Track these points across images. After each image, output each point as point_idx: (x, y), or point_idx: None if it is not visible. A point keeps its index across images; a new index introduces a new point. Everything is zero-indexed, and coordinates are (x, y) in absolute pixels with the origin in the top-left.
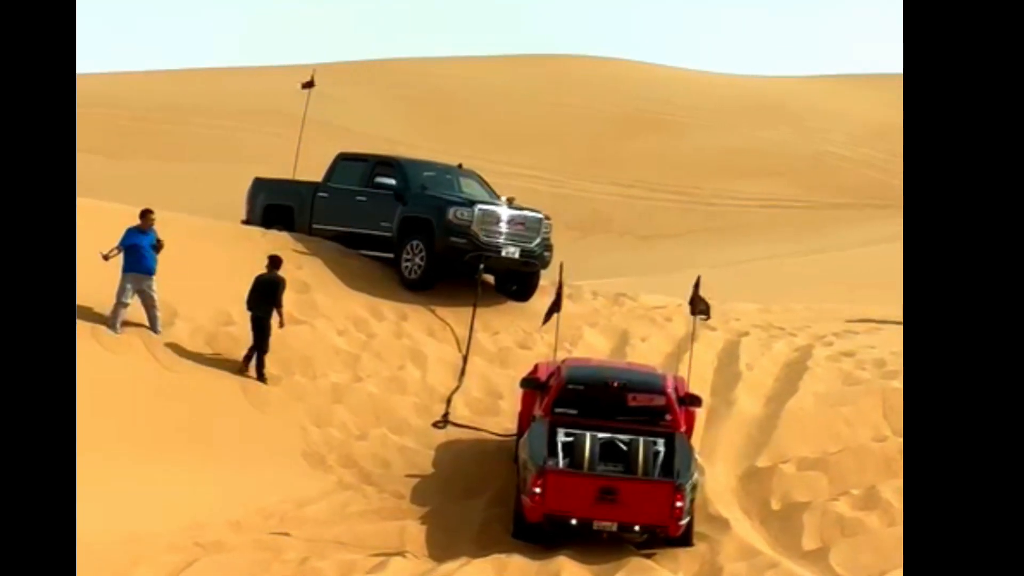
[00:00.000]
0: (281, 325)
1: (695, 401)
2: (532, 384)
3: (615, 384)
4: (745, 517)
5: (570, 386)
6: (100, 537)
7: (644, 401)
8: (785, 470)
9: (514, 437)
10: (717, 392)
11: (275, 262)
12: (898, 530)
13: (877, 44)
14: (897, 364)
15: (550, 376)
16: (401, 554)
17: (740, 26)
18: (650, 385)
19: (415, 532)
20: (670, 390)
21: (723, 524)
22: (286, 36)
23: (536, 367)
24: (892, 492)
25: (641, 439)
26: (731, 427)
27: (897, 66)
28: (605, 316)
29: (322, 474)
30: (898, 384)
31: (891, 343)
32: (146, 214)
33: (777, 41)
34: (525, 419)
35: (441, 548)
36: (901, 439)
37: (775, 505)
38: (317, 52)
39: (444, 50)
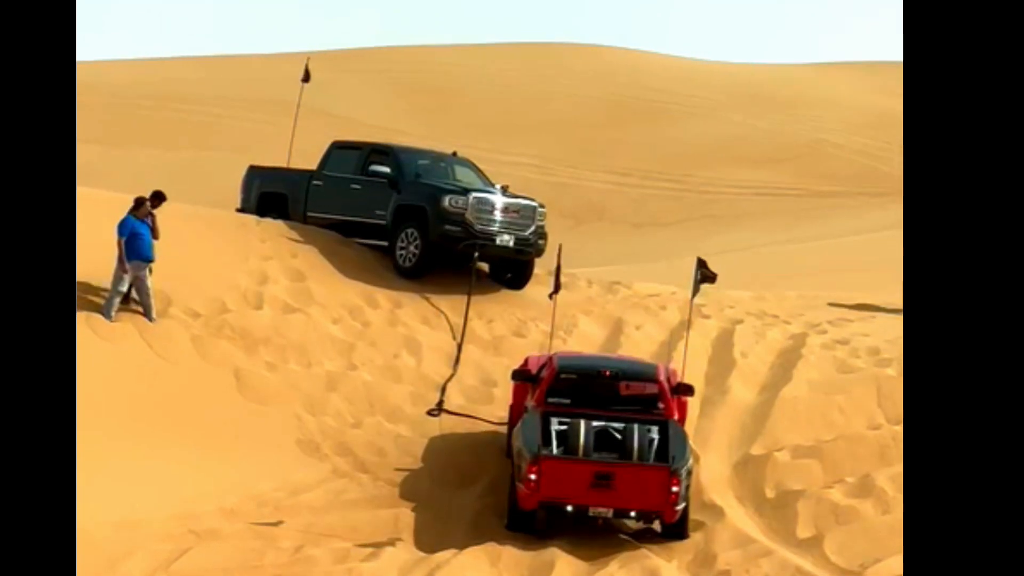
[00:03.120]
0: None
1: (687, 390)
2: (523, 376)
3: (607, 373)
4: (739, 505)
5: (562, 376)
6: (94, 525)
7: (637, 390)
8: (779, 458)
9: (507, 426)
10: (711, 380)
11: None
12: (892, 518)
13: (872, 31)
14: (891, 352)
15: (541, 367)
16: (392, 543)
17: (734, 13)
18: (642, 373)
19: (409, 520)
20: (663, 378)
21: (717, 512)
22: (280, 23)
23: (527, 360)
24: (886, 480)
25: (636, 425)
26: (725, 415)
27: (891, 53)
28: (600, 304)
29: (316, 462)
30: (892, 372)
31: (885, 331)
32: (142, 202)
33: (771, 29)
34: (517, 412)
35: (435, 536)
36: (895, 427)
37: (769, 493)
38: (311, 40)
39: (438, 38)
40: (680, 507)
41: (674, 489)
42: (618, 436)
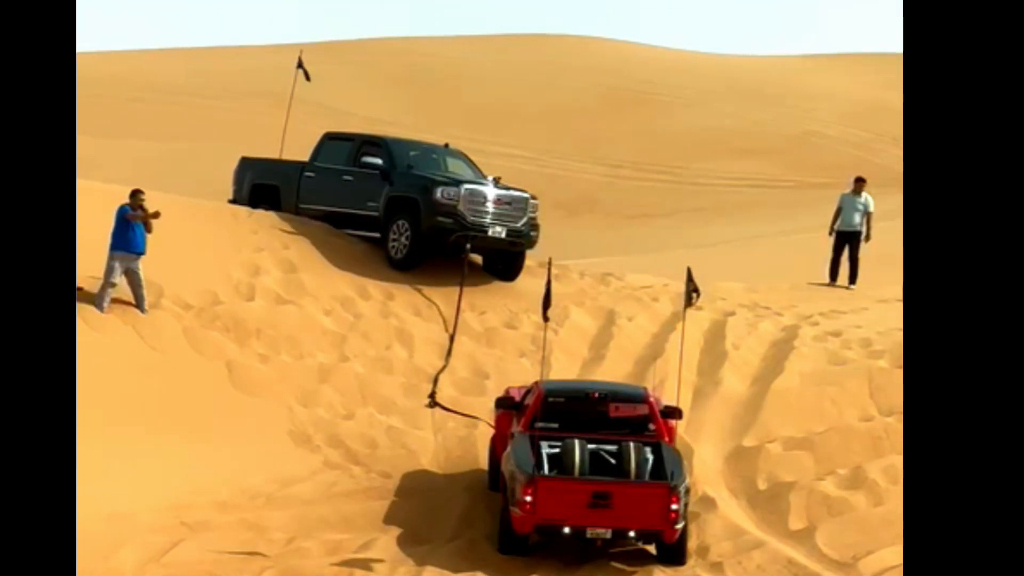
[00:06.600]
0: None
1: (676, 413)
2: (507, 404)
3: (596, 395)
4: (731, 497)
5: (550, 399)
6: (85, 517)
7: (627, 411)
8: (771, 450)
9: (488, 459)
10: (703, 372)
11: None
12: (884, 509)
13: (863, 23)
14: (883, 344)
15: (526, 394)
16: (383, 534)
17: (726, 5)
18: (631, 395)
19: (400, 512)
20: (652, 399)
21: (710, 503)
22: (272, 15)
23: (507, 391)
24: (878, 472)
25: (631, 443)
26: (717, 407)
27: (882, 45)
28: (592, 296)
29: (308, 454)
30: (884, 364)
31: (877, 323)
32: (135, 194)
33: (762, 20)
34: (500, 442)
35: (426, 527)
36: (887, 419)
37: (761, 485)
38: (304, 31)
39: (430, 29)
40: (679, 526)
41: (674, 507)
42: (611, 459)
